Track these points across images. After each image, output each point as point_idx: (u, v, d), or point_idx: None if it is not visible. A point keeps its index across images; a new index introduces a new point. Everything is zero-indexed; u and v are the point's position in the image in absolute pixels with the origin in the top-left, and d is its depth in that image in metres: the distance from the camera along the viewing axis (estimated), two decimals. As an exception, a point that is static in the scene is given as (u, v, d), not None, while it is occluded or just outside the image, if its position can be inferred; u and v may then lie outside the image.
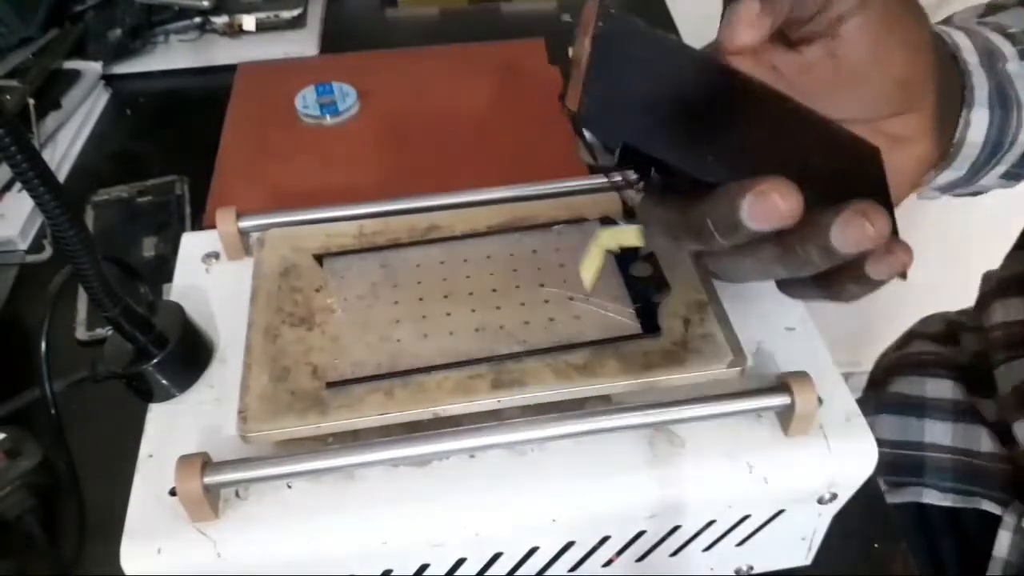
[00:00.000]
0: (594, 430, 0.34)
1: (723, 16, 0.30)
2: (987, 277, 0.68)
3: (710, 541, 0.39)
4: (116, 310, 0.35)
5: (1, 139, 0.27)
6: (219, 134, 0.69)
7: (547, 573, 0.38)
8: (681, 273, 0.39)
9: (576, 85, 0.27)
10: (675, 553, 0.39)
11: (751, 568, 0.42)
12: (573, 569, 0.38)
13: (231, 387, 0.36)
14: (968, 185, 0.46)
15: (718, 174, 0.27)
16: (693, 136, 0.28)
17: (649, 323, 0.37)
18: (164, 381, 0.37)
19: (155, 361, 0.37)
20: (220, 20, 0.80)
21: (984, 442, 0.62)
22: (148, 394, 0.37)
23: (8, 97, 0.66)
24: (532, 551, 0.36)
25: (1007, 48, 0.42)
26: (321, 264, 0.41)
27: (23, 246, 0.61)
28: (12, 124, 0.27)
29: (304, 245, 0.42)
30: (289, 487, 0.34)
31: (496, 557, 0.36)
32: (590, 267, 0.36)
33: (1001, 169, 0.45)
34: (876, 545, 0.45)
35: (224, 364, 0.39)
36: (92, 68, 0.75)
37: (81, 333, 0.54)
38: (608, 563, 0.38)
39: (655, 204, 0.30)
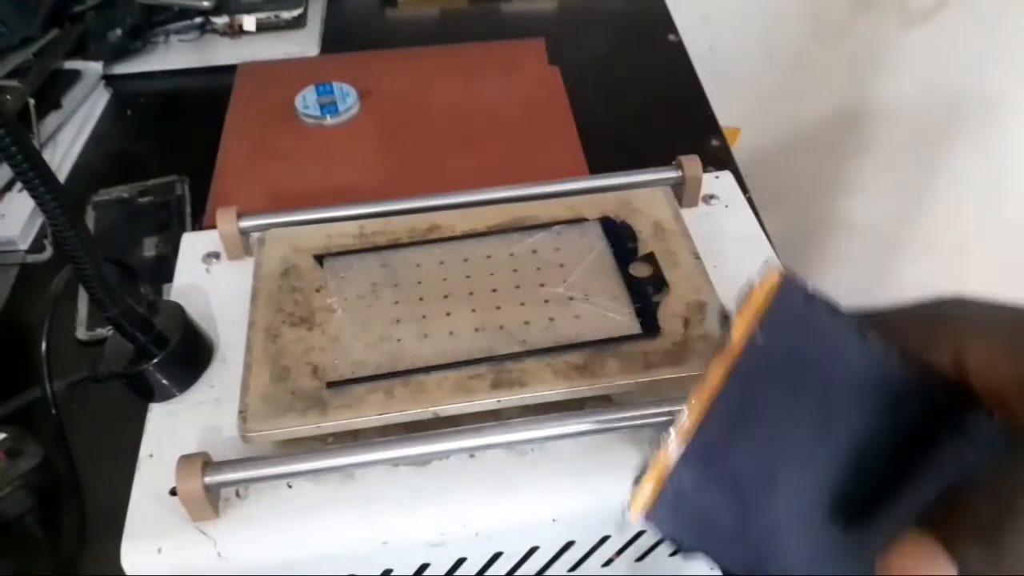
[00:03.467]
0: (594, 430, 0.34)
1: None
2: None
3: (710, 541, 0.39)
4: (117, 310, 0.35)
5: (2, 139, 0.27)
6: (219, 134, 0.69)
7: (547, 573, 0.38)
8: (681, 273, 0.39)
9: (656, 479, 0.22)
10: (675, 553, 0.39)
11: (751, 568, 0.42)
12: (573, 569, 0.38)
13: (231, 387, 0.36)
14: None
15: None
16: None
17: (649, 323, 0.37)
18: (164, 381, 0.37)
19: (155, 361, 0.37)
20: (220, 20, 0.80)
21: None
22: (149, 394, 0.37)
23: (9, 97, 0.66)
24: (532, 551, 0.36)
25: None
26: (321, 264, 0.41)
27: (24, 246, 0.61)
28: (12, 124, 0.27)
29: (304, 245, 0.42)
30: (289, 487, 0.34)
31: (496, 557, 0.36)
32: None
33: None
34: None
35: (224, 364, 0.39)
36: (93, 68, 0.75)
37: (82, 333, 0.54)
38: (608, 563, 0.38)
39: None
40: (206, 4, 0.79)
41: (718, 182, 0.47)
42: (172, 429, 0.36)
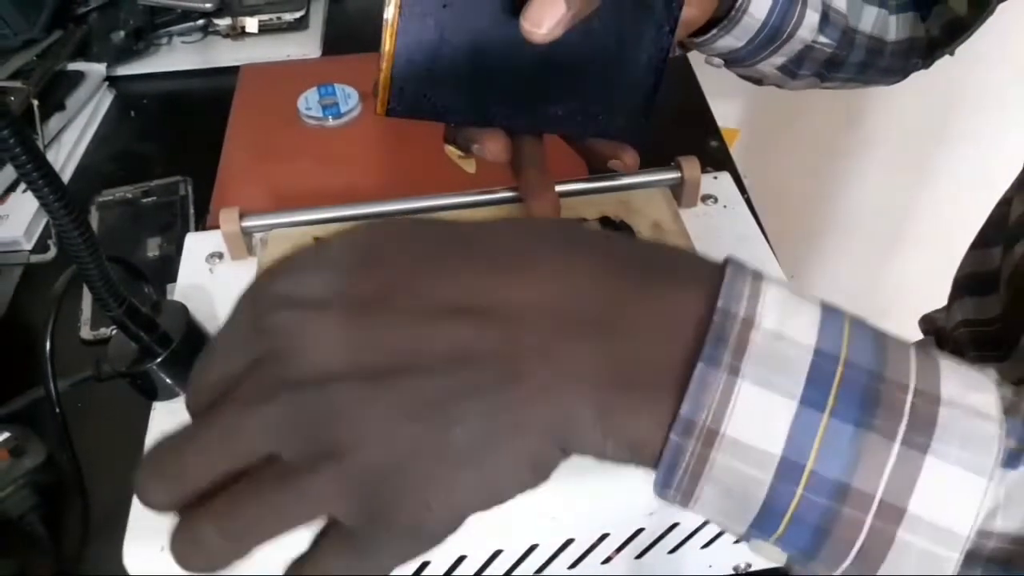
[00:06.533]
0: (593, 428, 0.34)
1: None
2: (955, 278, 0.68)
3: (708, 538, 0.39)
4: (120, 310, 0.35)
5: (6, 140, 0.27)
6: (222, 135, 0.69)
7: (546, 571, 0.38)
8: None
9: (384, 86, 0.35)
10: (673, 550, 0.39)
11: (749, 566, 0.42)
12: (572, 566, 0.38)
13: (234, 386, 0.36)
14: (747, 65, 0.49)
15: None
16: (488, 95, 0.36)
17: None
18: (168, 380, 0.38)
19: (159, 360, 0.37)
20: (223, 22, 0.80)
21: None
22: (152, 393, 0.38)
23: (12, 98, 0.67)
24: (532, 548, 0.37)
25: None
26: (323, 264, 0.41)
27: (28, 246, 0.61)
28: (16, 125, 0.27)
29: (306, 245, 0.42)
30: (291, 485, 0.34)
31: (496, 554, 0.36)
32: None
33: (779, 60, 0.48)
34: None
35: (227, 363, 0.39)
36: (96, 69, 0.75)
37: (85, 332, 0.54)
38: (607, 560, 0.39)
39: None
40: (209, 6, 0.79)
41: (716, 183, 0.47)
42: (175, 428, 0.36)
